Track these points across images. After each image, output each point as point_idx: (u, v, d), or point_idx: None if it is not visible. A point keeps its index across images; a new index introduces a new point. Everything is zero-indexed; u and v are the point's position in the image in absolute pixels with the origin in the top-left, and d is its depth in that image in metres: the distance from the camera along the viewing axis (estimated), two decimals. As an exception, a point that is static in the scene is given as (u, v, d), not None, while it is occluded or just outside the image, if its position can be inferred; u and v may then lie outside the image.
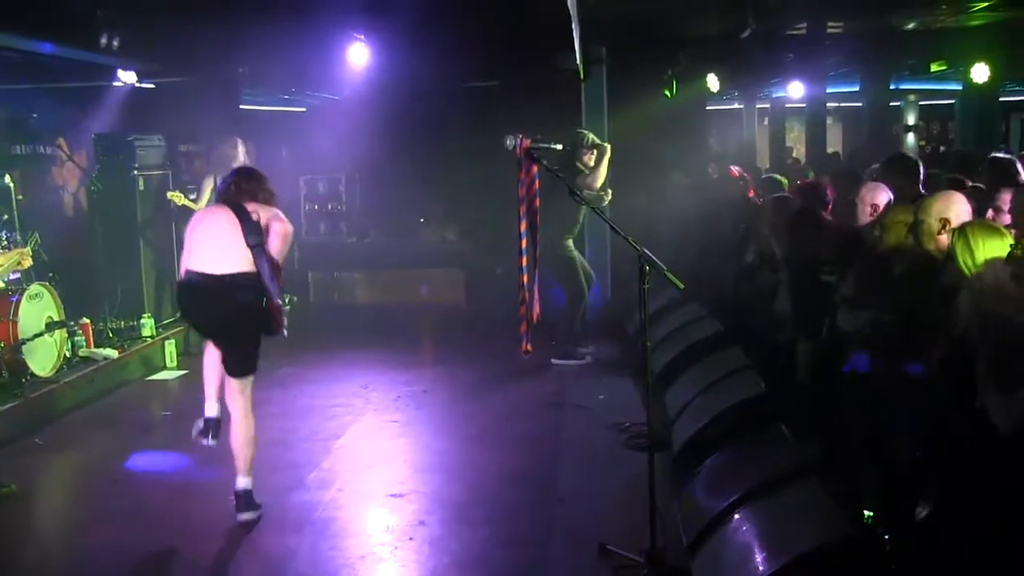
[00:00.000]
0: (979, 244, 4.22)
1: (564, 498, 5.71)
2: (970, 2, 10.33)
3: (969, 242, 4.26)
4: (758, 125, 24.66)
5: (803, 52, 14.06)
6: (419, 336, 11.10)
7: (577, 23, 8.21)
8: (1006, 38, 12.61)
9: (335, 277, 13.19)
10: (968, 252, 4.24)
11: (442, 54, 11.23)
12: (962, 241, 4.30)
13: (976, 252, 4.21)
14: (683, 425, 6.36)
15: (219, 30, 9.82)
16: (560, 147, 5.38)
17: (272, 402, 8.08)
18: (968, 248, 4.24)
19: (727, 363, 6.87)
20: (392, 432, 7.25)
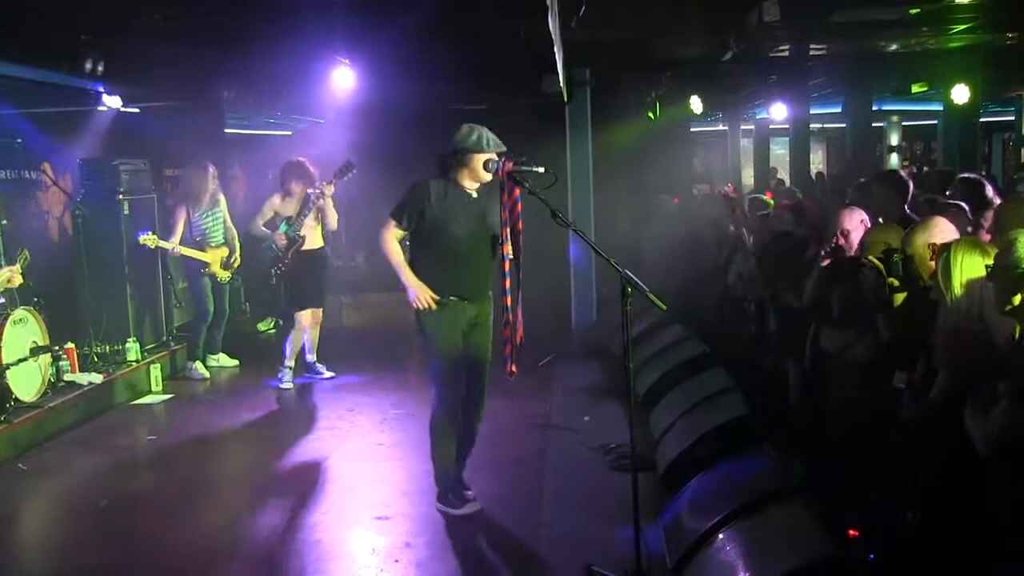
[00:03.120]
0: (958, 261, 4.23)
1: (549, 519, 5.71)
2: (950, 24, 10.42)
3: (949, 259, 4.29)
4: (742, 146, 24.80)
5: (786, 74, 14.18)
6: (405, 359, 11.07)
7: (560, 46, 8.27)
8: (985, 60, 12.76)
9: (321, 300, 13.14)
10: (947, 269, 4.27)
11: (427, 77, 11.27)
12: (944, 258, 4.32)
13: (954, 269, 4.23)
14: (667, 446, 6.37)
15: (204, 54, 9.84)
16: (543, 169, 5.40)
17: (256, 424, 8.10)
18: (947, 265, 4.27)
19: (711, 384, 6.90)
20: (378, 455, 7.24)
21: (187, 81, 10.81)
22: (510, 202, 5.28)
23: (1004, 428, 3.45)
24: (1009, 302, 3.55)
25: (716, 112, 22.41)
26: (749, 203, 10.10)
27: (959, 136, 15.79)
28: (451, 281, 5.70)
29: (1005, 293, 3.58)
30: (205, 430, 8.01)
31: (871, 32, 10.98)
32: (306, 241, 9.13)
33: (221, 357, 10.17)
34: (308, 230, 9.14)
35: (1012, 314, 3.62)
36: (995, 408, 3.51)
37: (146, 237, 9.32)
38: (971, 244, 4.40)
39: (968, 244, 4.39)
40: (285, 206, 9.21)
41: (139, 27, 8.60)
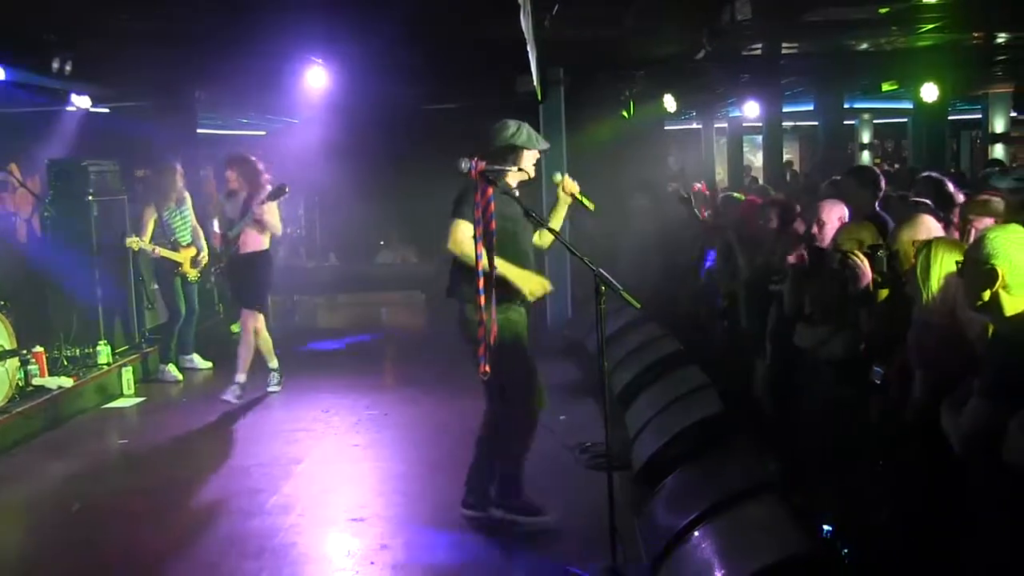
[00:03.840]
0: (938, 259, 4.24)
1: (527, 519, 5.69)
2: (918, 24, 10.50)
3: (929, 257, 4.30)
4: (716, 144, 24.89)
5: (758, 72, 14.24)
6: (380, 359, 11.06)
7: (533, 46, 8.26)
8: (953, 59, 12.87)
9: (295, 301, 13.13)
10: (926, 267, 4.27)
11: (400, 77, 11.25)
12: (923, 256, 4.34)
13: (933, 267, 4.24)
14: (643, 444, 6.38)
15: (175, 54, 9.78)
16: (516, 168, 5.39)
17: (231, 427, 8.04)
18: (926, 263, 4.28)
19: (686, 382, 6.91)
20: (353, 456, 7.22)
21: (158, 81, 10.75)
22: (483, 202, 5.25)
23: (974, 425, 3.47)
24: (979, 298, 3.57)
25: (690, 110, 22.47)
26: (721, 201, 10.13)
27: (928, 134, 15.93)
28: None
29: (975, 289, 3.60)
30: (178, 433, 7.95)
31: (841, 31, 11.05)
32: (248, 243, 8.65)
33: (195, 357, 10.11)
34: (249, 235, 8.65)
35: (982, 310, 3.63)
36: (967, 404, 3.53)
37: (132, 240, 9.27)
38: (949, 243, 4.43)
39: (947, 243, 4.42)
40: (231, 206, 8.80)
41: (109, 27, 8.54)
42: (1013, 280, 3.51)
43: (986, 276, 3.53)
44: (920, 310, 4.32)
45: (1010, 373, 3.38)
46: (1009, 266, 3.50)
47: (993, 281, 3.52)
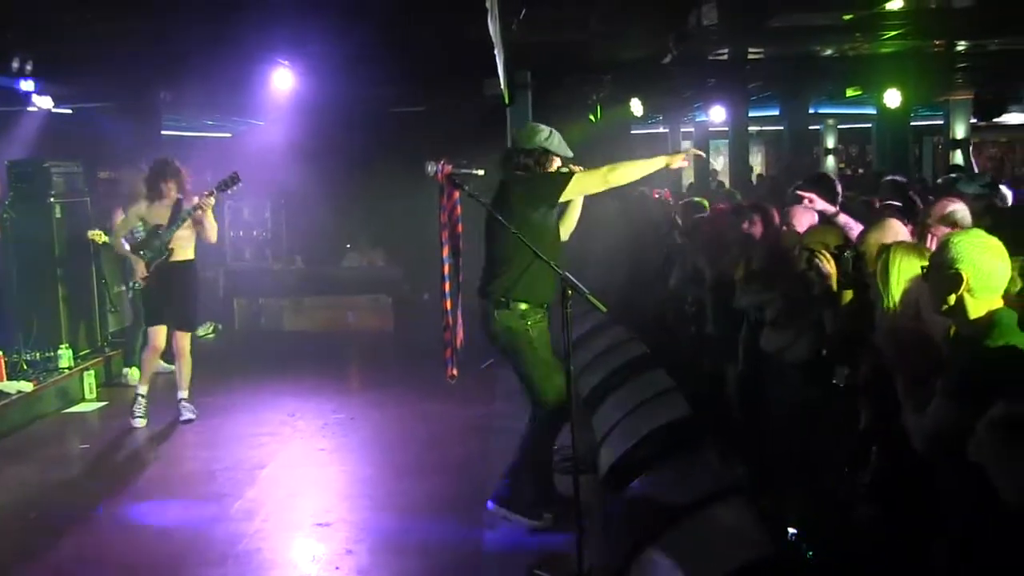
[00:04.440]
0: (896, 263, 4.29)
1: (492, 522, 5.68)
2: (881, 31, 10.61)
3: (888, 262, 4.34)
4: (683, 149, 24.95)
5: (724, 77, 14.32)
6: (346, 363, 11.01)
7: (501, 49, 8.25)
8: (915, 66, 13.04)
9: (260, 304, 13.04)
10: (885, 271, 4.32)
11: (368, 79, 11.21)
12: (883, 260, 4.38)
13: (892, 271, 4.29)
14: (610, 447, 6.37)
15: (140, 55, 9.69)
16: (483, 172, 5.37)
17: (195, 431, 7.97)
18: (886, 267, 4.32)
19: (653, 385, 6.91)
20: (319, 460, 7.17)
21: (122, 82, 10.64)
22: (449, 205, 5.23)
23: (936, 425, 3.51)
24: (944, 302, 3.60)
25: (657, 115, 22.55)
26: (683, 207, 10.15)
27: (891, 139, 16.10)
28: (552, 289, 5.37)
29: (940, 293, 3.63)
30: (140, 438, 7.86)
31: (807, 37, 11.15)
32: (179, 251, 8.18)
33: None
34: (180, 240, 8.19)
35: (947, 314, 3.67)
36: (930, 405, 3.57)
37: (95, 232, 9.13)
38: (908, 247, 4.46)
39: (906, 247, 4.45)
40: (153, 212, 8.25)
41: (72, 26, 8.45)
42: (977, 284, 3.54)
43: (951, 280, 3.57)
44: (882, 315, 4.35)
45: (973, 375, 3.42)
46: (973, 270, 3.53)
47: (957, 285, 3.55)
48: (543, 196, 5.37)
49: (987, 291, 3.55)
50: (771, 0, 8.97)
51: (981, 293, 3.55)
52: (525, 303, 5.40)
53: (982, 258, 3.56)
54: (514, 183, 5.40)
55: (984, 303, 3.55)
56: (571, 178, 5.35)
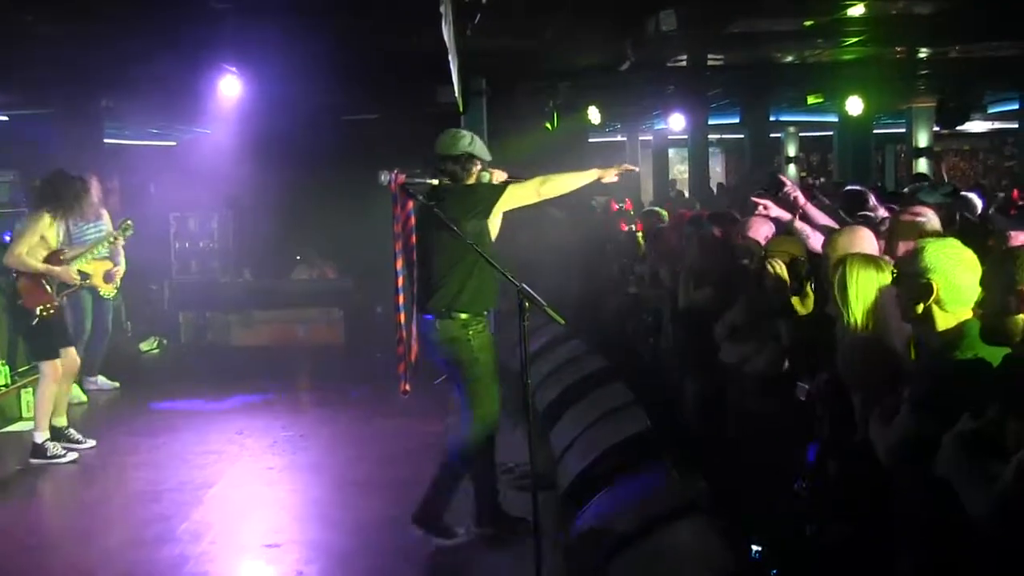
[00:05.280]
0: (854, 276, 4.33)
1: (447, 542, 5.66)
2: (842, 37, 10.75)
3: (845, 274, 4.38)
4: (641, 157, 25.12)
5: (684, 84, 14.44)
6: (296, 378, 10.94)
7: (455, 55, 8.26)
8: (877, 72, 13.20)
9: (207, 318, 12.92)
10: (843, 284, 4.36)
11: (318, 86, 11.18)
12: (840, 273, 4.42)
13: (850, 284, 4.33)
14: (568, 464, 6.38)
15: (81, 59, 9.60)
16: (436, 182, 5.38)
17: (139, 450, 7.87)
18: (843, 280, 4.36)
19: (612, 399, 6.94)
20: (268, 479, 7.11)
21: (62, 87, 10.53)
22: (403, 215, 5.23)
23: (903, 436, 3.53)
24: (913, 311, 3.63)
25: (615, 123, 22.69)
26: (643, 216, 10.21)
27: (854, 147, 16.31)
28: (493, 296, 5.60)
29: (909, 302, 3.65)
30: (82, 458, 7.75)
31: (767, 43, 11.26)
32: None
33: (100, 379, 9.87)
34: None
35: (914, 323, 3.70)
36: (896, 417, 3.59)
37: None
38: (865, 259, 4.49)
39: (862, 259, 4.48)
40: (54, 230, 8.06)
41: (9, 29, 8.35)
42: (947, 296, 3.56)
43: (921, 290, 3.58)
44: (842, 329, 4.39)
45: (940, 387, 3.44)
46: (944, 281, 3.55)
47: (928, 296, 3.57)
48: (477, 206, 5.41)
49: (957, 304, 3.57)
50: (731, 6, 9.06)
51: (951, 306, 3.56)
52: (466, 313, 5.43)
53: (955, 271, 3.57)
54: (448, 193, 5.40)
55: (952, 315, 3.57)
56: (505, 189, 5.41)
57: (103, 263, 9.38)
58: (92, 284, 9.25)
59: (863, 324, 4.29)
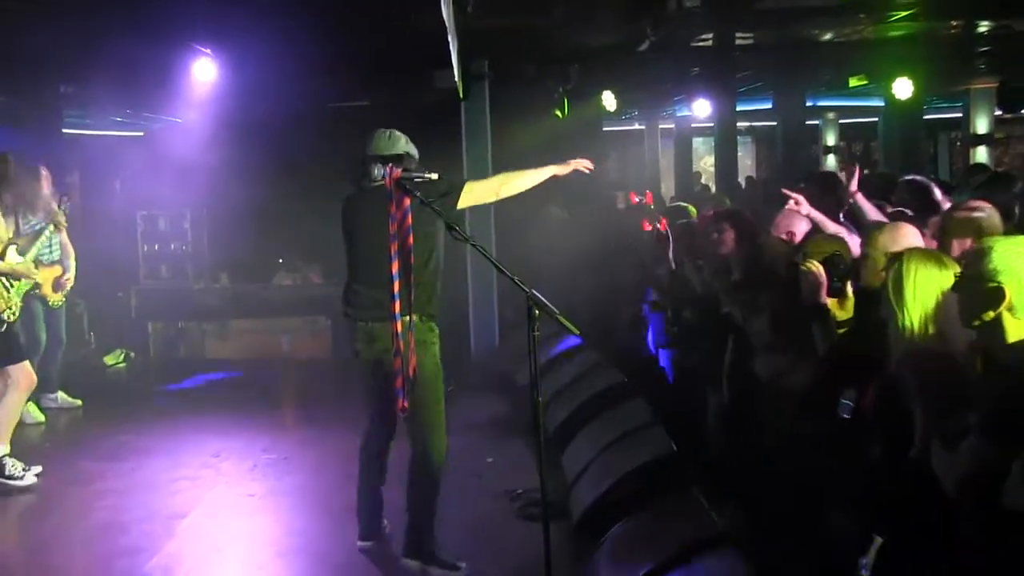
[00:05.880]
0: (911, 274, 4.24)
1: None
2: (889, 11, 10.71)
3: (901, 272, 4.28)
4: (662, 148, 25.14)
5: (709, 66, 14.44)
6: (279, 395, 10.97)
7: (455, 35, 8.28)
8: (929, 51, 13.12)
9: (180, 328, 12.97)
10: (898, 283, 4.27)
11: (303, 70, 11.21)
12: (895, 270, 4.34)
13: (907, 283, 4.24)
14: (582, 490, 6.39)
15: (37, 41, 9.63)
16: (436, 176, 5.41)
17: (104, 476, 7.89)
18: (899, 278, 4.27)
19: (631, 418, 6.95)
20: (248, 508, 7.13)
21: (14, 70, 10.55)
22: (399, 214, 5.27)
23: (972, 465, 3.43)
24: (979, 318, 3.54)
25: (632, 109, 22.71)
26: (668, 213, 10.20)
27: (902, 135, 16.25)
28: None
29: (975, 308, 3.57)
30: (40, 485, 7.77)
31: (802, 19, 11.25)
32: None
33: (59, 396, 9.90)
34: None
35: (979, 330, 3.62)
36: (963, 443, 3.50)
37: None
38: (925, 255, 4.39)
39: (922, 255, 4.38)
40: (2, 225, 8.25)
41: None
42: (1021, 301, 3.49)
43: (989, 295, 3.49)
44: (897, 335, 4.32)
45: (1012, 407, 3.36)
46: (1017, 284, 3.47)
47: (998, 301, 3.48)
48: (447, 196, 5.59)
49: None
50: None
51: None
52: (432, 319, 5.72)
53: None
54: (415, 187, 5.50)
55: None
56: (463, 187, 5.64)
57: (52, 269, 9.43)
58: (42, 294, 9.31)
59: (921, 330, 4.20)
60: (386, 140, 5.73)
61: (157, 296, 13.25)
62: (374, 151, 5.68)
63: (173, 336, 12.90)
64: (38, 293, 9.35)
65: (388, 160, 5.62)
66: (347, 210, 5.89)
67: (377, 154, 5.67)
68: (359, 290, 5.77)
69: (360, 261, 5.81)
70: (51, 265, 9.47)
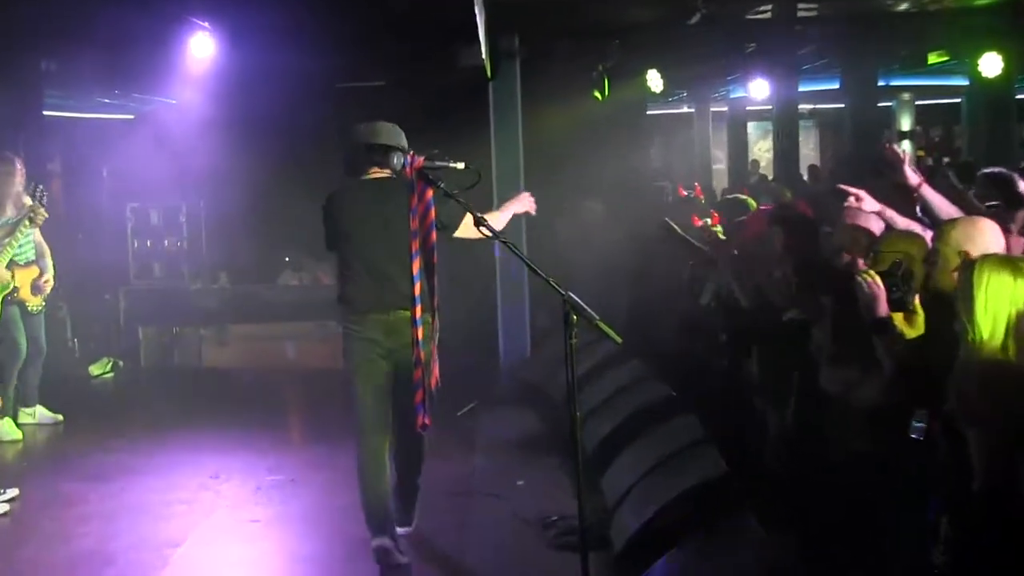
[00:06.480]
0: (983, 283, 4.22)
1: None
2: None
3: (972, 279, 4.27)
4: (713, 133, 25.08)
5: (768, 41, 14.41)
6: (285, 409, 11.01)
7: (482, 8, 8.31)
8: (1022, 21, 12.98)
9: (175, 334, 13.04)
10: (967, 291, 4.26)
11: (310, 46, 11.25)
12: (966, 277, 4.33)
13: (977, 292, 4.22)
14: (625, 517, 6.40)
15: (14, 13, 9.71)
16: (462, 165, 5.44)
17: (88, 500, 7.93)
18: (969, 286, 4.26)
19: (679, 436, 6.95)
20: (250, 534, 7.16)
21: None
22: (421, 208, 5.30)
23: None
24: None
25: (680, 90, 22.67)
26: (725, 206, 10.19)
27: (988, 118, 16.09)
28: None
29: None
30: (18, 510, 7.82)
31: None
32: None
33: (38, 411, 9.94)
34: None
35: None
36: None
37: None
38: (1001, 261, 4.37)
39: (997, 261, 4.36)
40: None
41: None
42: None
43: None
44: (965, 348, 4.31)
45: None
46: None
47: None
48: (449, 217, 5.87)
49: None
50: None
51: None
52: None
53: None
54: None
55: None
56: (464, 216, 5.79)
57: (28, 271, 9.46)
58: (20, 298, 9.36)
59: (992, 345, 4.20)
60: (393, 131, 5.86)
61: (149, 298, 13.32)
62: (384, 140, 5.74)
63: (166, 343, 12.97)
64: (16, 297, 9.40)
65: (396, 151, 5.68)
66: (340, 205, 6.02)
67: (388, 143, 5.72)
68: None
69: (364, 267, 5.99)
70: (27, 266, 9.49)
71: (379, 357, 5.98)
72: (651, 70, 14.80)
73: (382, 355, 5.97)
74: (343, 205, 6.01)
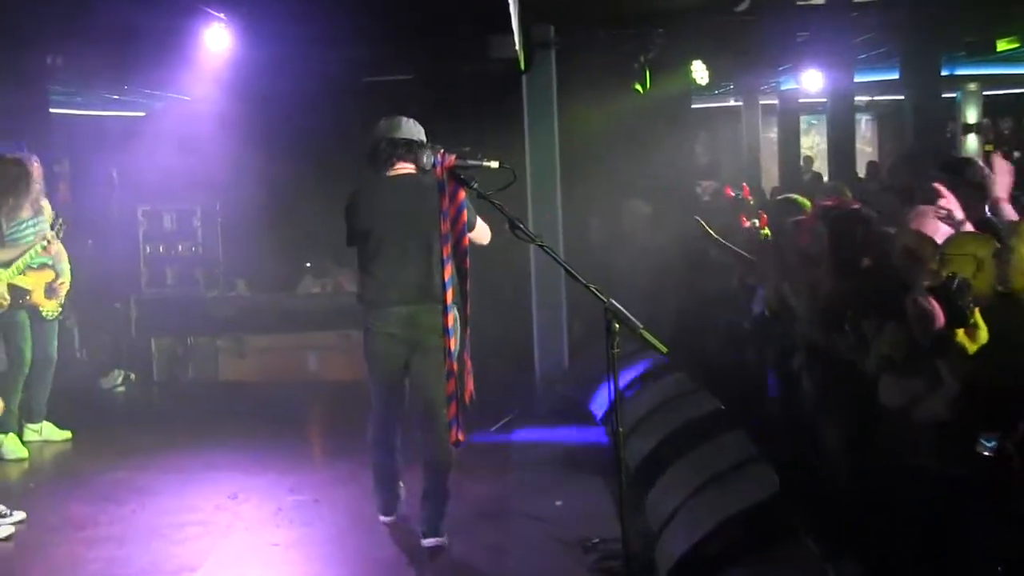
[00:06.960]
0: None
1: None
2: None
3: None
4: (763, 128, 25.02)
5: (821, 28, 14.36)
6: (307, 425, 11.03)
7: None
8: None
9: (189, 345, 13.10)
10: None
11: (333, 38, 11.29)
12: None
13: None
14: (672, 540, 6.39)
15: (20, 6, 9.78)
16: (496, 164, 5.44)
17: (97, 522, 7.96)
18: None
19: (729, 454, 6.94)
20: (270, 558, 7.18)
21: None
22: (453, 209, 5.31)
23: None
24: None
25: (727, 83, 22.65)
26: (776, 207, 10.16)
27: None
28: None
29: None
30: (23, 532, 7.86)
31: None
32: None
33: (44, 427, 9.98)
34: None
35: None
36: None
37: None
38: None
39: None
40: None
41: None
42: None
43: None
44: None
45: None
46: None
47: None
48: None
49: None
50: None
51: None
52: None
53: None
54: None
55: None
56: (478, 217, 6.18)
57: (43, 273, 9.48)
58: (32, 302, 9.40)
59: None
60: (416, 127, 6.04)
61: (161, 307, 13.37)
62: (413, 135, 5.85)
63: (181, 354, 13.02)
64: (27, 302, 9.42)
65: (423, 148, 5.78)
66: (361, 201, 6.17)
67: (418, 139, 5.81)
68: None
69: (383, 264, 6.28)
70: (40, 269, 9.50)
71: (396, 347, 6.46)
72: (696, 61, 14.79)
73: (400, 343, 6.43)
74: (364, 201, 6.14)
